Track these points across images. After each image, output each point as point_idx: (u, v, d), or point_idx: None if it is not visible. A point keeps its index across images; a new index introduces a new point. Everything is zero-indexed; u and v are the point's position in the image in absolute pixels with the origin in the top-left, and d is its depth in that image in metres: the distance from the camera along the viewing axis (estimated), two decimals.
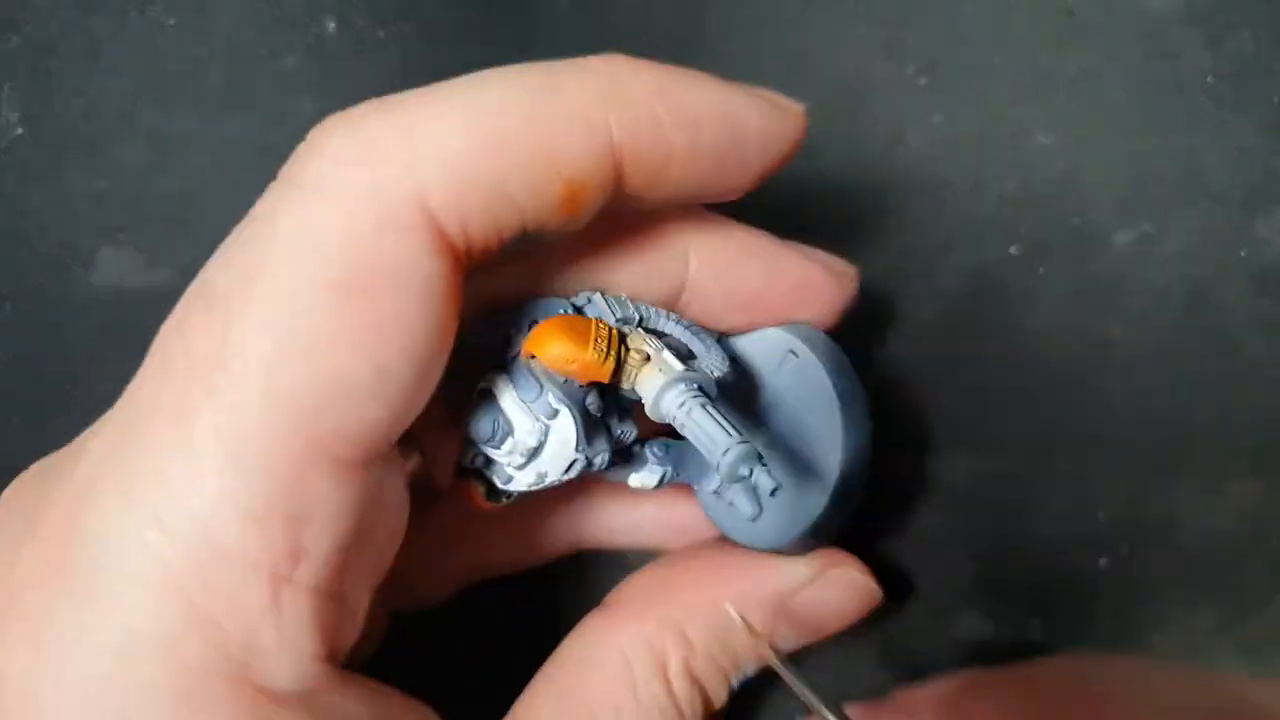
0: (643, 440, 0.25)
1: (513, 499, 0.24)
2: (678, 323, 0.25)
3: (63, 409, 0.32)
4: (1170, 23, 0.32)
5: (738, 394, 0.26)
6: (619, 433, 0.24)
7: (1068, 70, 0.32)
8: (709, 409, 0.21)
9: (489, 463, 0.23)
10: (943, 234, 0.33)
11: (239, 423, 0.18)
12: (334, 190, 0.19)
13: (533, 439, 0.22)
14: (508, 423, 0.22)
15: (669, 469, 0.25)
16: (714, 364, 0.23)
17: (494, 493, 0.23)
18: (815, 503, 0.25)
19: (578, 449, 0.22)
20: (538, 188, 0.20)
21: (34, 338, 0.32)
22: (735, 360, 0.26)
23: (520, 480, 0.23)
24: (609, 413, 0.23)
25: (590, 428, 0.22)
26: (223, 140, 0.33)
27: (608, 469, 0.24)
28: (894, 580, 0.31)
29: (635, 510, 0.29)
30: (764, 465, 0.21)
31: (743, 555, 0.27)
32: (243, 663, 0.18)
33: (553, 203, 0.20)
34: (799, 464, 0.26)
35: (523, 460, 0.22)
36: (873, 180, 0.33)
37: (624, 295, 0.24)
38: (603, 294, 0.24)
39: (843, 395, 0.25)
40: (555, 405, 0.22)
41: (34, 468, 0.22)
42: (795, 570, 0.26)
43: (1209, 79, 0.32)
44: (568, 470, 0.22)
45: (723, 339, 0.26)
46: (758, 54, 0.34)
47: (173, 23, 0.33)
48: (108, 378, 0.32)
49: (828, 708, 0.23)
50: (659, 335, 0.25)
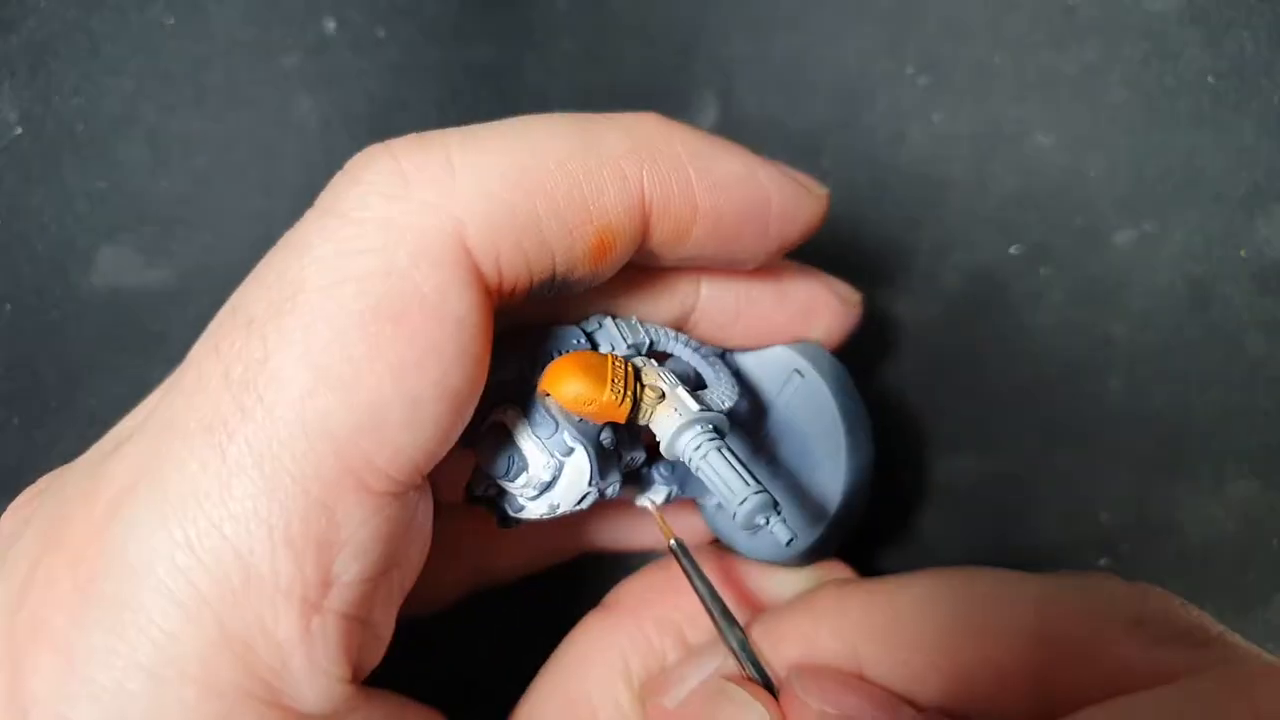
0: (650, 461, 0.25)
1: (523, 524, 0.24)
2: (686, 344, 0.25)
3: (62, 408, 0.32)
4: (1170, 22, 0.32)
5: (743, 412, 0.26)
6: (629, 459, 0.24)
7: (1068, 70, 0.32)
8: (725, 454, 0.21)
9: (501, 492, 0.23)
10: (943, 234, 0.33)
11: (274, 449, 0.18)
12: (372, 221, 0.19)
13: (547, 474, 0.22)
14: (522, 458, 0.22)
15: (674, 487, 0.25)
16: (725, 394, 0.24)
17: (505, 520, 0.23)
18: (817, 522, 0.25)
19: (591, 483, 0.22)
20: (571, 232, 0.20)
21: (33, 337, 0.32)
22: (740, 377, 0.26)
23: (532, 510, 0.23)
24: (620, 443, 0.23)
25: (604, 461, 0.22)
26: (222, 139, 0.33)
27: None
28: None
29: (636, 514, 0.29)
30: (779, 514, 0.21)
31: (742, 561, 0.27)
32: (273, 686, 0.18)
33: (585, 250, 0.21)
34: (802, 484, 0.26)
35: (536, 493, 0.22)
36: (873, 180, 0.33)
37: (634, 318, 0.24)
38: (613, 318, 0.24)
39: (848, 418, 0.25)
40: (571, 443, 0.22)
41: (44, 480, 0.22)
42: (793, 580, 0.27)
43: (1209, 78, 0.32)
44: (580, 502, 0.22)
45: (727, 355, 0.26)
46: (758, 54, 0.34)
47: (172, 22, 0.33)
48: (107, 377, 0.32)
49: (720, 615, 0.23)
50: (667, 356, 0.25)
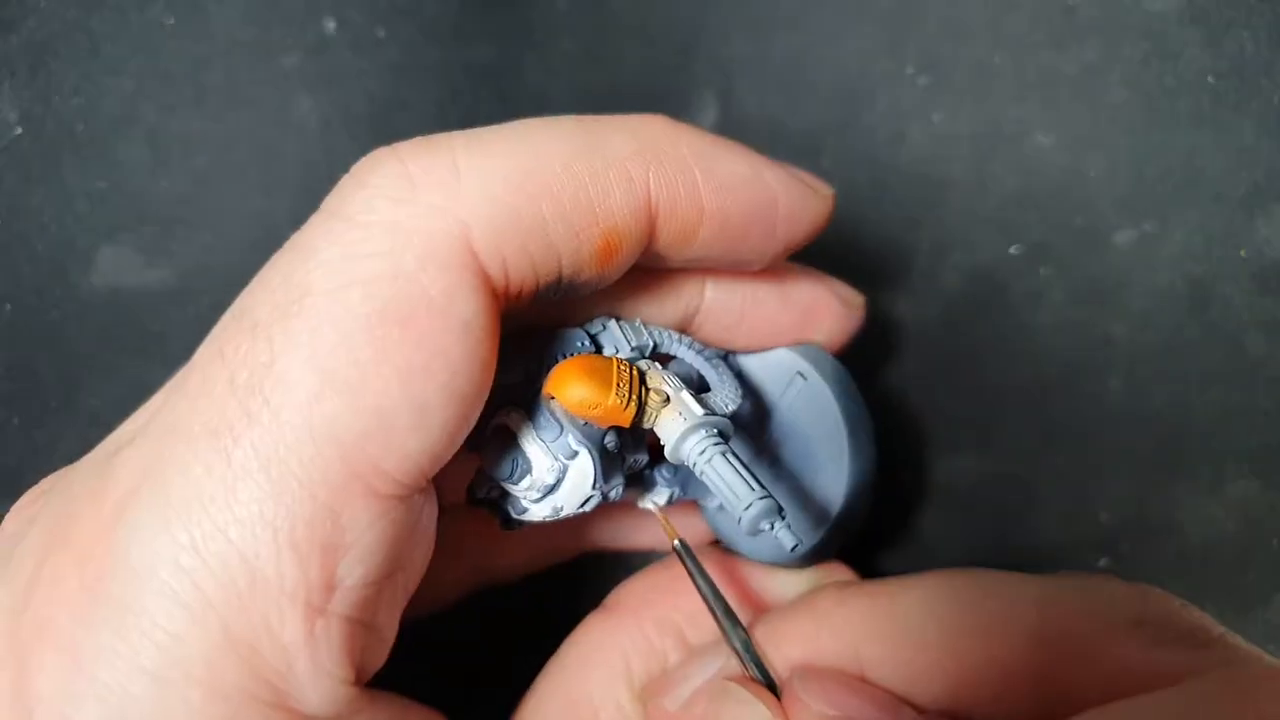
0: (653, 463, 0.25)
1: (526, 527, 0.24)
2: (690, 347, 0.25)
3: (62, 408, 0.32)
4: (1170, 22, 0.32)
5: (746, 415, 0.26)
6: (632, 461, 0.24)
7: (1068, 70, 0.32)
8: (729, 458, 0.21)
9: (504, 495, 0.23)
10: (943, 234, 0.33)
11: (280, 454, 0.18)
12: (378, 224, 0.19)
13: (551, 477, 0.22)
14: (526, 461, 0.22)
15: (676, 489, 0.25)
16: (728, 397, 0.24)
17: (508, 522, 0.23)
18: (819, 525, 0.25)
19: (594, 486, 0.22)
20: (577, 235, 0.20)
21: (33, 337, 0.32)
22: (743, 379, 0.26)
23: (535, 512, 0.23)
24: (624, 445, 0.23)
25: (608, 464, 0.22)
26: (222, 140, 0.33)
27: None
28: None
29: (638, 514, 0.29)
30: (784, 519, 0.21)
31: (743, 561, 0.27)
32: (277, 689, 0.18)
33: (591, 252, 0.21)
34: (804, 487, 0.26)
35: (539, 495, 0.22)
36: (873, 180, 0.33)
37: (638, 320, 0.24)
38: (617, 320, 0.24)
39: (850, 420, 0.25)
40: (575, 447, 0.22)
41: (47, 481, 0.22)
42: (794, 581, 0.27)
43: (1209, 78, 0.32)
44: (583, 504, 0.22)
45: (730, 356, 0.26)
46: (758, 54, 0.34)
47: (172, 22, 0.33)
48: (107, 377, 0.32)
49: (724, 615, 0.23)
50: (670, 359, 0.25)
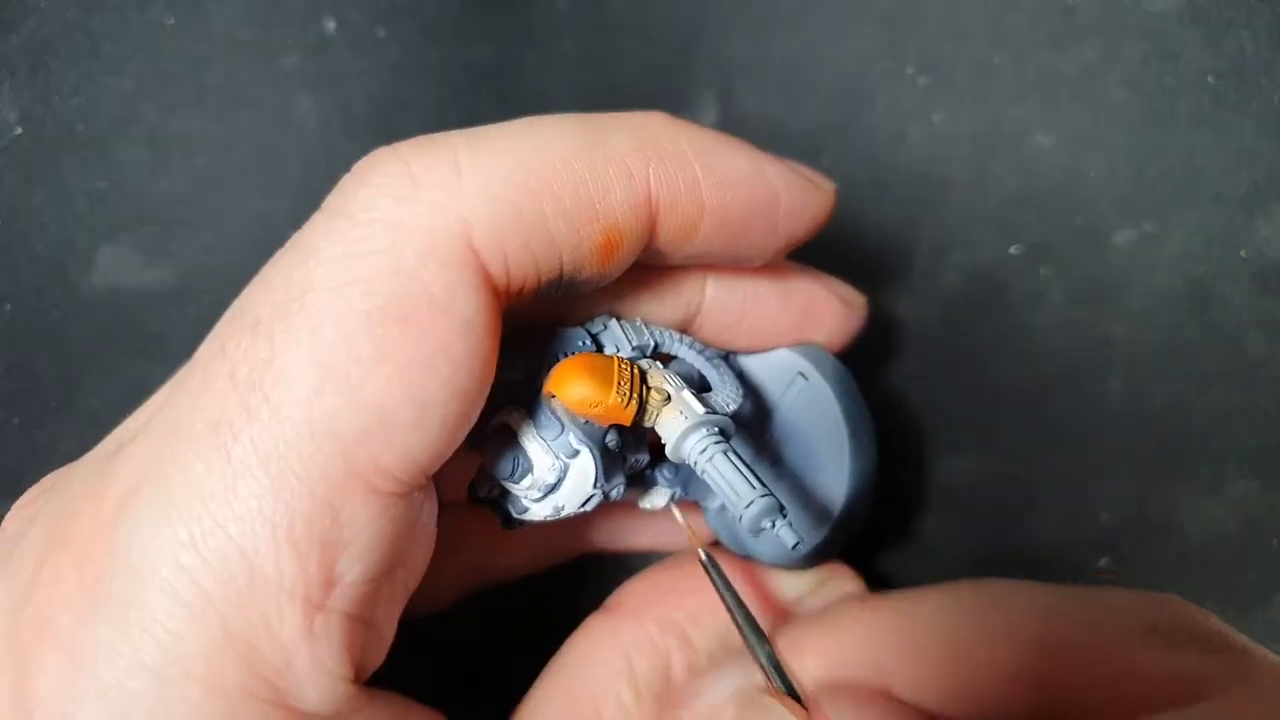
0: (654, 463, 0.25)
1: (527, 526, 0.24)
2: (691, 347, 0.25)
3: (62, 408, 0.32)
4: (1170, 22, 0.32)
5: (747, 415, 0.26)
6: (633, 460, 0.24)
7: (1068, 70, 0.32)
8: (730, 457, 0.21)
9: (505, 494, 0.23)
10: (943, 234, 0.33)
11: (280, 450, 0.18)
12: (380, 222, 0.19)
13: (552, 476, 0.22)
14: (528, 460, 0.22)
15: (678, 489, 0.25)
16: (729, 396, 0.24)
17: (509, 522, 0.23)
18: (821, 525, 0.25)
19: (596, 485, 0.22)
20: (578, 232, 0.20)
21: (33, 338, 0.32)
22: (743, 379, 0.26)
23: (536, 512, 0.23)
24: (625, 445, 0.23)
25: (609, 464, 0.22)
26: (222, 139, 0.33)
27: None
28: (893, 580, 0.31)
29: (638, 515, 0.29)
30: (785, 518, 0.21)
31: (745, 563, 0.27)
32: (276, 686, 0.18)
33: (592, 249, 0.21)
34: (805, 486, 0.26)
35: (540, 495, 0.22)
36: (873, 180, 0.33)
37: (639, 320, 0.24)
38: (618, 320, 0.24)
39: (852, 422, 0.25)
40: (576, 445, 0.22)
41: (48, 479, 0.22)
42: (795, 583, 0.27)
43: (1209, 78, 0.32)
44: (585, 504, 0.22)
45: (730, 357, 0.26)
46: (758, 54, 0.34)
47: (172, 22, 0.33)
48: (107, 377, 0.32)
49: (748, 627, 0.22)
50: (671, 359, 0.25)
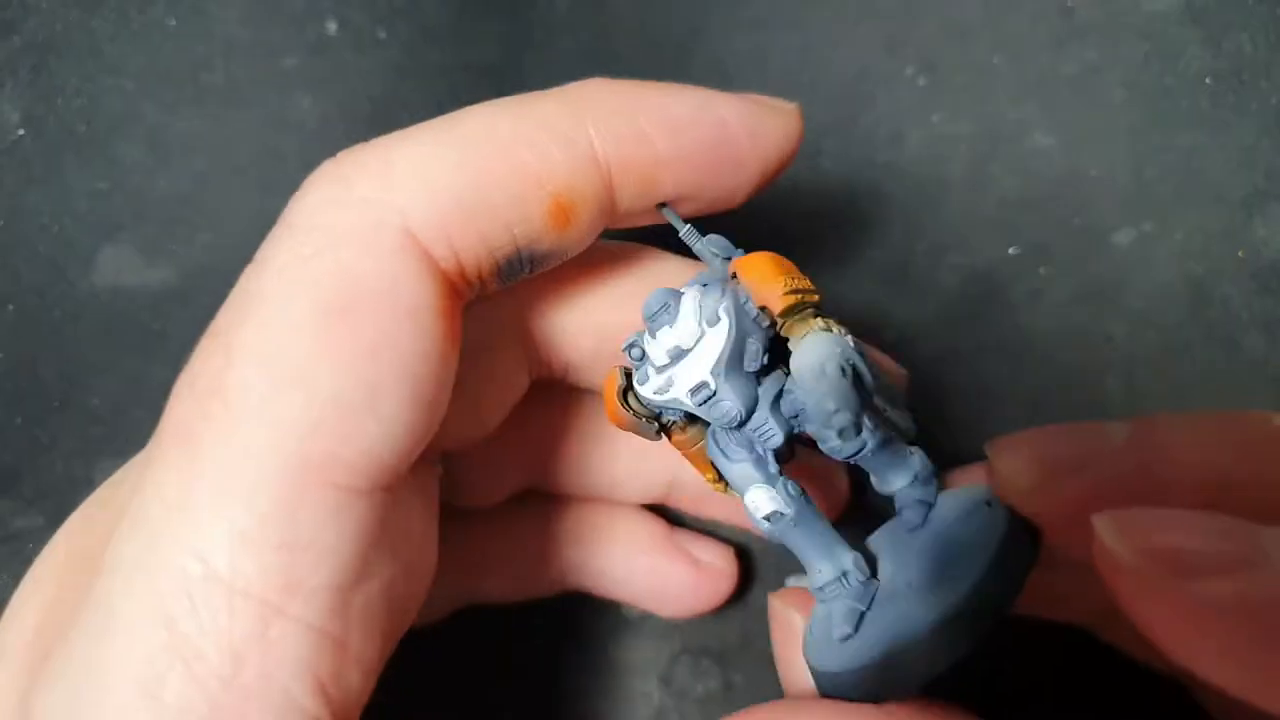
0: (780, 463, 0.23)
1: (635, 415, 0.23)
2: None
3: (63, 407, 0.32)
4: (1170, 23, 0.32)
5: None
6: (764, 424, 0.22)
7: (1067, 70, 0.32)
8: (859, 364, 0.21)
9: (642, 358, 0.22)
10: (942, 234, 0.33)
11: (236, 449, 0.18)
12: (321, 226, 0.19)
13: (687, 339, 0.22)
14: (675, 312, 0.22)
15: (790, 519, 0.22)
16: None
17: (627, 395, 0.23)
18: (913, 622, 0.21)
19: (713, 370, 0.21)
20: (522, 203, 0.20)
21: (34, 337, 0.32)
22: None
23: (654, 384, 0.22)
24: (754, 359, 0.22)
25: (737, 361, 0.22)
26: (223, 140, 0.33)
27: (728, 453, 0.22)
28: None
29: (630, 561, 0.29)
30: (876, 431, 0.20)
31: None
32: (219, 703, 0.17)
33: (541, 217, 0.21)
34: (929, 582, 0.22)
35: (667, 360, 0.22)
36: (872, 180, 0.33)
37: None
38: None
39: (995, 559, 0.21)
40: (722, 314, 0.21)
41: (96, 493, 0.23)
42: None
43: (1208, 79, 0.32)
44: (693, 393, 0.22)
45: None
46: (758, 54, 0.34)
47: (173, 23, 0.33)
48: (108, 376, 0.33)
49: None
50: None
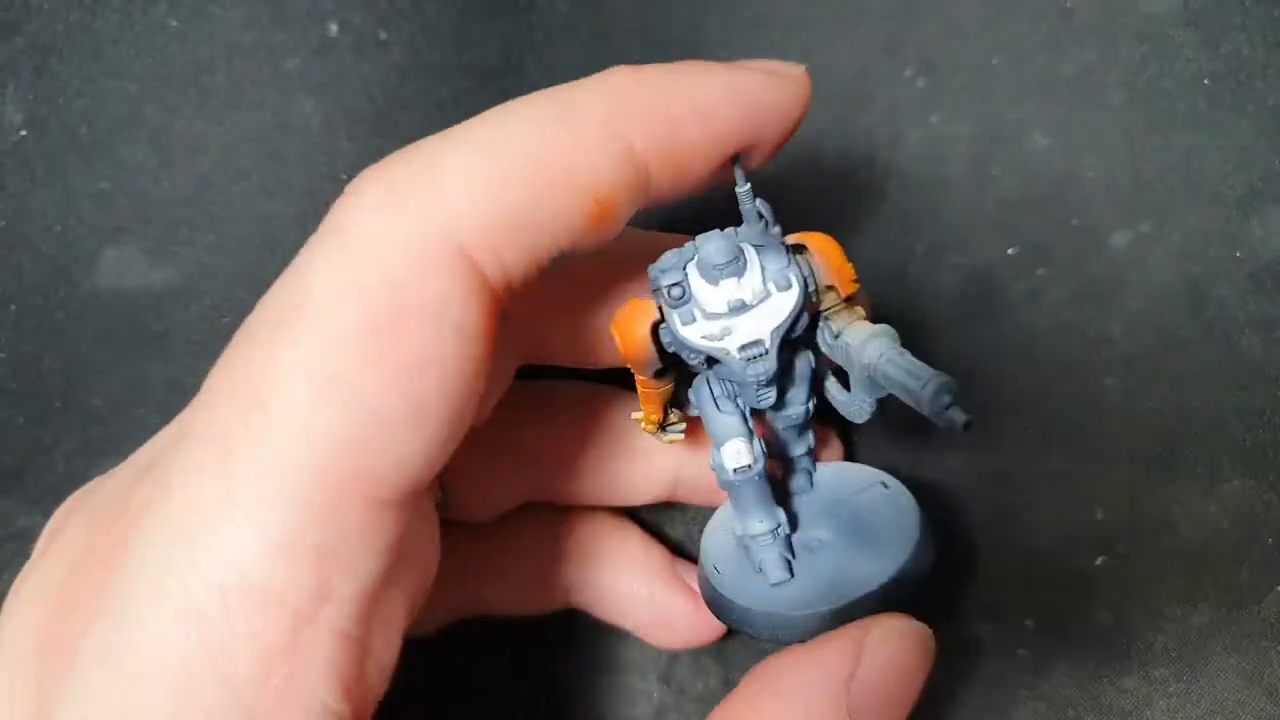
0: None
1: (661, 355, 0.23)
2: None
3: (66, 407, 0.32)
4: (1168, 24, 0.32)
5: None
6: (769, 388, 0.23)
7: (1066, 71, 0.32)
8: (908, 355, 0.22)
9: (682, 297, 0.22)
10: (941, 234, 0.33)
11: (275, 458, 0.18)
12: (370, 237, 0.19)
13: (750, 295, 0.22)
14: (745, 267, 0.22)
15: (756, 473, 0.24)
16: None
17: (657, 330, 0.23)
18: (858, 582, 0.24)
19: (774, 330, 0.22)
20: (569, 210, 0.20)
21: (37, 338, 0.32)
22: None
23: (703, 328, 0.22)
24: (803, 332, 0.23)
25: (792, 329, 0.22)
26: (225, 141, 0.33)
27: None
28: None
29: (629, 587, 0.30)
30: (957, 404, 0.20)
31: (792, 661, 0.24)
32: (249, 705, 0.18)
33: (584, 220, 0.21)
34: (850, 564, 0.25)
35: (725, 310, 0.22)
36: (871, 181, 0.33)
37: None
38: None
39: (923, 528, 0.25)
40: (794, 280, 0.22)
41: (91, 485, 0.23)
42: (839, 648, 0.23)
43: (1206, 80, 0.32)
44: (743, 350, 0.22)
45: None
46: (758, 54, 0.33)
47: (175, 24, 0.33)
48: (110, 377, 0.33)
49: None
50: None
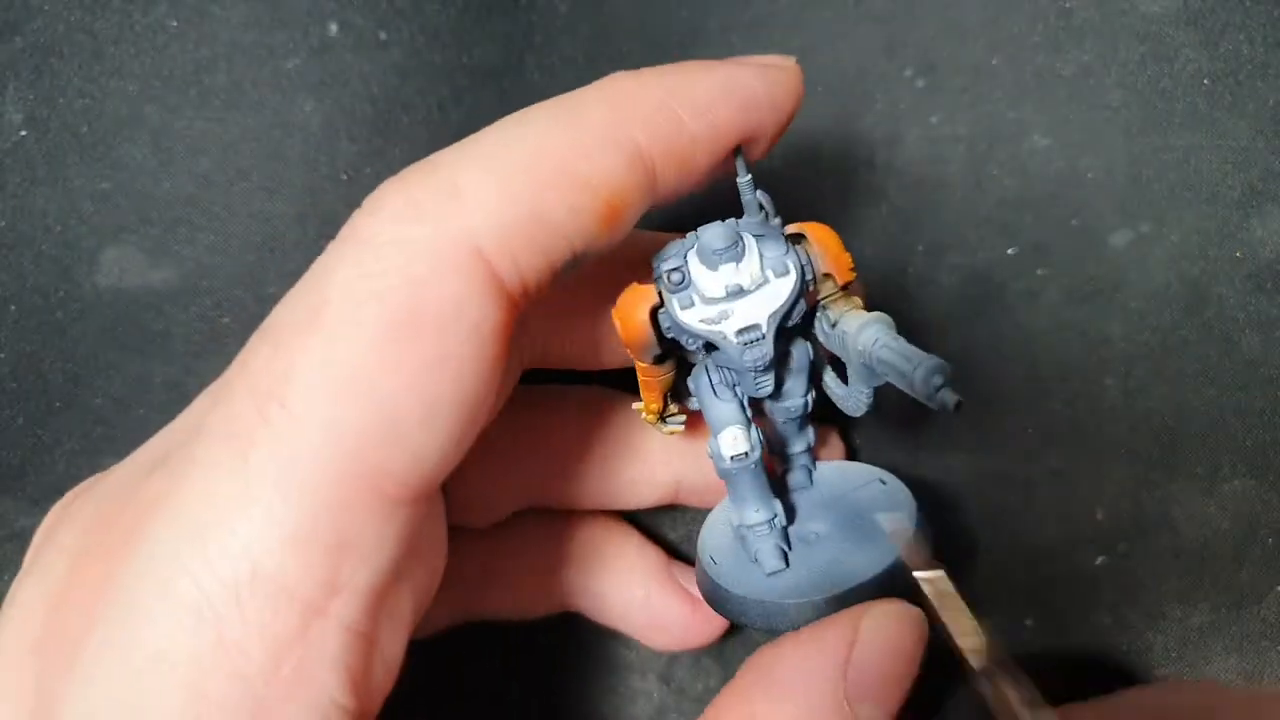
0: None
1: (660, 340, 0.23)
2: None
3: (66, 407, 0.32)
4: (1167, 24, 0.32)
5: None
6: (767, 376, 0.24)
7: (1065, 71, 0.33)
8: (902, 340, 0.22)
9: (682, 282, 0.22)
10: (941, 234, 0.33)
11: (292, 454, 0.18)
12: (389, 243, 0.20)
13: (748, 281, 0.22)
14: (743, 253, 0.22)
15: (752, 461, 0.24)
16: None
17: (656, 314, 0.23)
18: (848, 573, 0.24)
19: (771, 316, 0.22)
20: (580, 214, 0.21)
21: (37, 338, 0.32)
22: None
23: (701, 312, 0.22)
24: (799, 320, 0.23)
25: (786, 315, 0.22)
26: (226, 141, 0.33)
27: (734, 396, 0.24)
28: None
29: (627, 591, 0.30)
30: (949, 386, 0.20)
31: (788, 648, 0.24)
32: (260, 698, 0.18)
33: (596, 223, 0.21)
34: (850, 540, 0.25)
35: (723, 295, 0.22)
36: (871, 181, 0.33)
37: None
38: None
39: (917, 522, 0.25)
40: (791, 268, 0.22)
41: (89, 482, 0.23)
42: (834, 633, 0.24)
43: (1205, 80, 0.32)
44: (740, 335, 0.22)
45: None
46: (757, 54, 0.34)
47: (175, 24, 0.33)
48: (111, 376, 0.33)
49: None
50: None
